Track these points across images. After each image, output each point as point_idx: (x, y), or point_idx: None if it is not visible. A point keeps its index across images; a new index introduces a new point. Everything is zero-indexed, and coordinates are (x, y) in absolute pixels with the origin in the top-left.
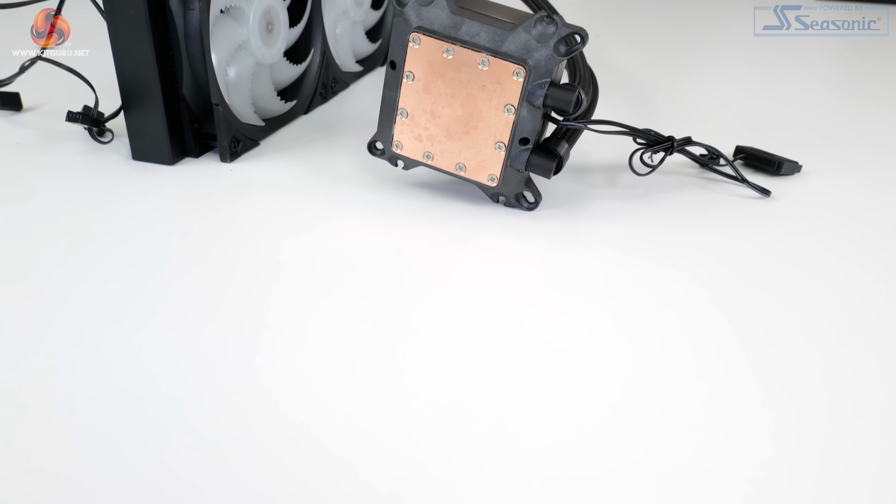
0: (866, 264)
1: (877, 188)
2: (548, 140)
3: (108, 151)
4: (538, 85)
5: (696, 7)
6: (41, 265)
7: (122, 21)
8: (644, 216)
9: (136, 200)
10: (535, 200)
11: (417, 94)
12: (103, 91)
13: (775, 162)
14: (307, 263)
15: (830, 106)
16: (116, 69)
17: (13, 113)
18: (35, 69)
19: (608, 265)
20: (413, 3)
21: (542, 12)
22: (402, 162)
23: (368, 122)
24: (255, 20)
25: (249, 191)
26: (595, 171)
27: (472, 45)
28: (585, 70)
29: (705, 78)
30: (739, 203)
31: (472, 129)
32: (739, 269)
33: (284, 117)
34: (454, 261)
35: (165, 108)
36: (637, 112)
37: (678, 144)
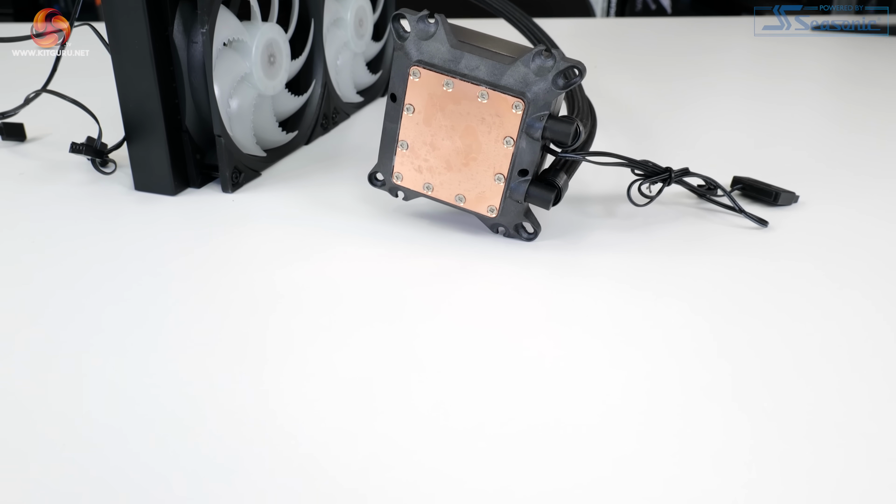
0: (863, 294)
1: (874, 217)
2: (546, 171)
3: (111, 182)
4: (537, 117)
5: (693, 37)
6: (42, 293)
7: (127, 54)
8: (642, 246)
9: (137, 230)
10: (534, 231)
11: (418, 126)
12: (106, 121)
13: (772, 192)
14: (308, 293)
15: (828, 134)
16: (120, 101)
17: (17, 143)
18: (39, 100)
19: (607, 295)
20: (413, 38)
21: (541, 46)
22: (403, 193)
23: (369, 153)
24: (257, 53)
25: (251, 221)
26: (594, 201)
27: (472, 78)
28: (584, 101)
29: (703, 107)
30: (737, 233)
31: (471, 160)
32: (737, 300)
33: (286, 148)
34: (454, 290)
35: (168, 140)
36: (635, 142)
37: (676, 175)
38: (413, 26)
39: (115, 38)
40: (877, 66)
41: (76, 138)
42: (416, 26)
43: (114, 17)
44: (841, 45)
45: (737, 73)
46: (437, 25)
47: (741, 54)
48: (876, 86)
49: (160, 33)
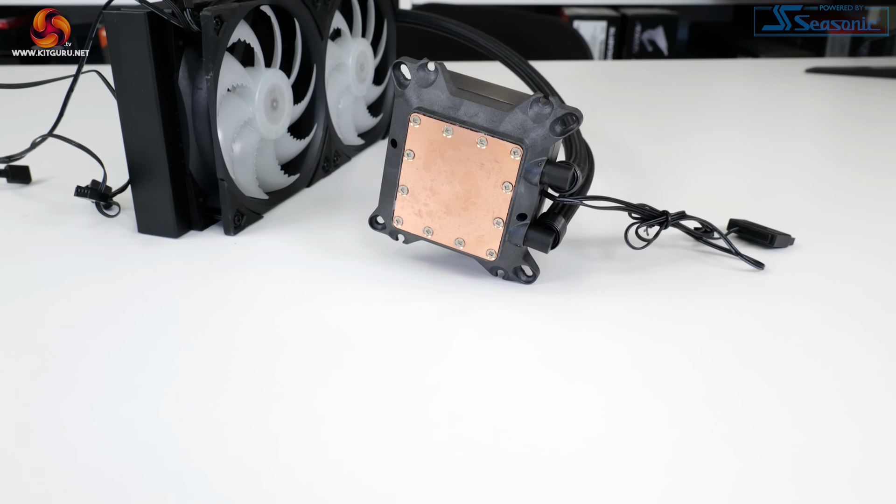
0: (858, 340)
1: (869, 259)
2: (545, 215)
3: (115, 224)
4: (535, 163)
5: (690, 79)
6: (45, 336)
7: (132, 100)
8: (640, 289)
9: (140, 273)
10: (533, 274)
11: (418, 171)
12: (111, 164)
13: (768, 235)
14: (310, 337)
15: (823, 175)
16: (125, 145)
17: (22, 186)
18: (45, 142)
19: (605, 339)
20: (414, 85)
21: (538, 94)
22: (403, 236)
23: (370, 195)
24: (260, 98)
25: (253, 264)
26: (592, 244)
27: (471, 125)
28: (581, 145)
29: (699, 149)
30: (734, 276)
31: (471, 205)
32: (733, 345)
33: (287, 190)
34: (455, 334)
35: (172, 183)
36: (633, 184)
37: (672, 219)
38: (413, 74)
39: (122, 84)
40: (871, 106)
41: (81, 181)
42: (416, 74)
43: (120, 65)
44: (835, 86)
45: (733, 114)
46: (436, 73)
47: (737, 96)
48: (870, 126)
49: (165, 79)
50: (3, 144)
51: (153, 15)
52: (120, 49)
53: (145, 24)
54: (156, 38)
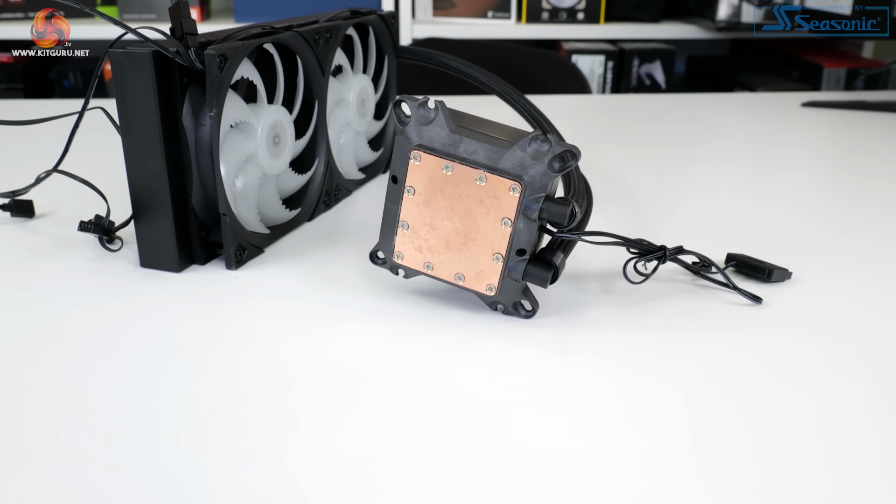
0: (857, 373)
1: (865, 293)
2: (544, 250)
3: (117, 259)
4: (534, 199)
5: (687, 113)
6: (47, 372)
7: (137, 136)
8: (639, 323)
9: (142, 306)
10: (532, 309)
11: (418, 207)
12: (114, 197)
13: (765, 269)
14: (311, 372)
15: (820, 209)
16: (129, 181)
17: (26, 219)
18: (49, 177)
19: (604, 374)
20: (414, 123)
21: (537, 131)
22: (403, 271)
23: (370, 229)
24: (262, 134)
25: (254, 298)
26: (590, 278)
27: (471, 162)
28: (580, 180)
29: (697, 183)
30: (731, 310)
31: (470, 240)
32: (732, 380)
33: (289, 225)
34: (455, 369)
35: (174, 218)
36: (631, 218)
37: (670, 253)
38: (414, 112)
39: (126, 121)
40: (867, 139)
41: (84, 215)
42: (416, 112)
43: (125, 102)
44: (831, 119)
45: (730, 147)
46: (436, 111)
47: (734, 129)
48: (866, 160)
49: (169, 116)
50: (9, 179)
51: (158, 54)
52: (125, 87)
53: (150, 63)
54: (160, 76)
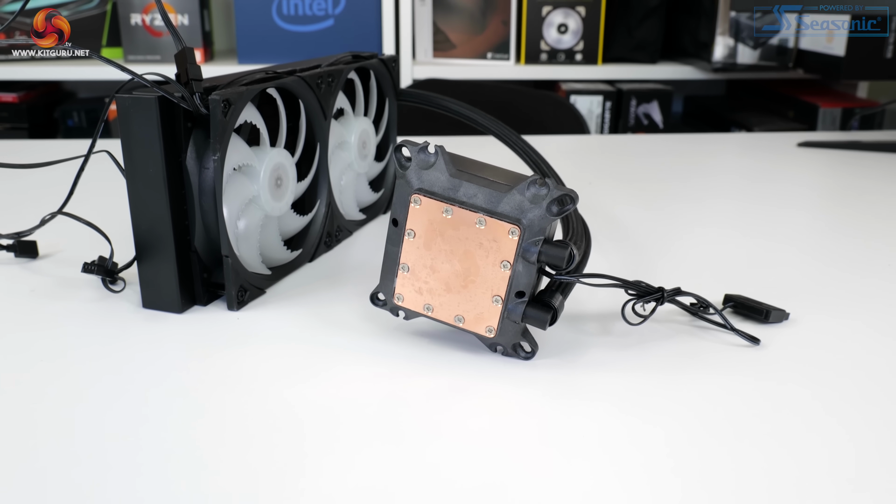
0: (854, 416)
1: (863, 334)
2: (543, 292)
3: (120, 300)
4: (532, 242)
5: (684, 153)
6: (48, 415)
7: (141, 179)
8: (638, 365)
9: (146, 349)
10: (531, 350)
11: (418, 250)
12: (117, 237)
13: (763, 310)
14: (311, 415)
15: (817, 249)
16: (133, 223)
17: (29, 260)
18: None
19: (603, 417)
20: (414, 167)
21: (535, 175)
22: (404, 312)
23: (371, 270)
24: (265, 177)
25: (256, 339)
26: (589, 319)
27: (470, 205)
28: (578, 222)
29: (695, 223)
30: (730, 351)
31: (470, 283)
32: (730, 423)
33: (290, 265)
34: (454, 411)
35: (177, 260)
36: (629, 259)
37: (668, 295)
38: (414, 156)
39: (131, 163)
40: (863, 179)
41: (87, 255)
42: (416, 156)
43: (130, 145)
44: (827, 159)
45: (727, 187)
46: (436, 156)
47: (731, 169)
48: (862, 199)
49: (174, 159)
50: (13, 220)
51: (164, 98)
52: (131, 131)
53: (156, 108)
54: (165, 120)
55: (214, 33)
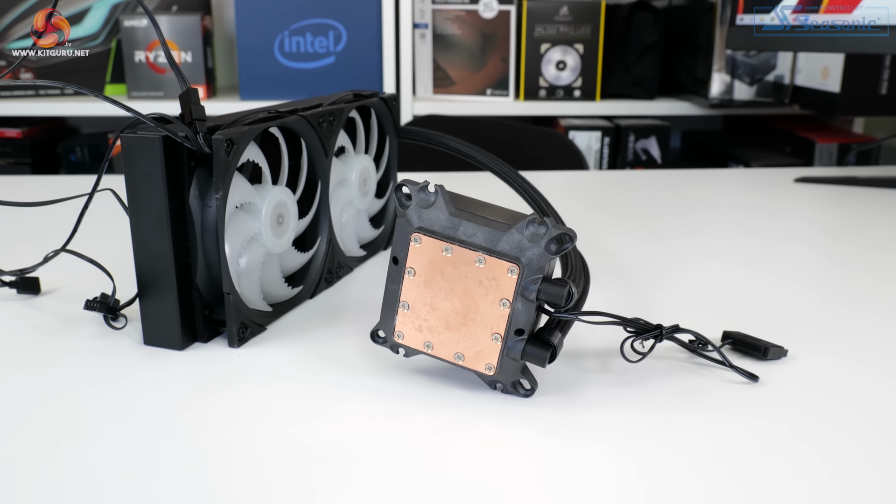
0: (852, 455)
1: (861, 371)
2: (542, 330)
3: (121, 336)
4: (531, 280)
5: (683, 189)
6: (49, 452)
7: (145, 217)
8: (637, 403)
9: (147, 387)
10: (531, 388)
11: (418, 288)
12: (119, 273)
13: (761, 347)
14: (312, 452)
15: (816, 283)
16: (135, 260)
17: (32, 296)
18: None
19: (603, 456)
20: (415, 206)
21: (534, 214)
22: (404, 350)
23: (371, 306)
24: (267, 214)
25: (257, 377)
26: (588, 356)
27: (470, 244)
28: (577, 259)
29: (693, 259)
30: (728, 388)
31: (469, 321)
32: (730, 463)
33: (291, 302)
34: (454, 449)
35: (179, 297)
36: (628, 296)
37: (667, 332)
38: (414, 195)
39: (135, 202)
40: (860, 214)
41: (89, 292)
42: (417, 196)
43: (134, 184)
44: (824, 195)
45: (726, 223)
46: (436, 195)
47: (729, 205)
48: (859, 235)
49: (177, 198)
50: (17, 256)
51: (167, 138)
52: (135, 169)
53: (160, 147)
54: (169, 160)
55: (217, 70)
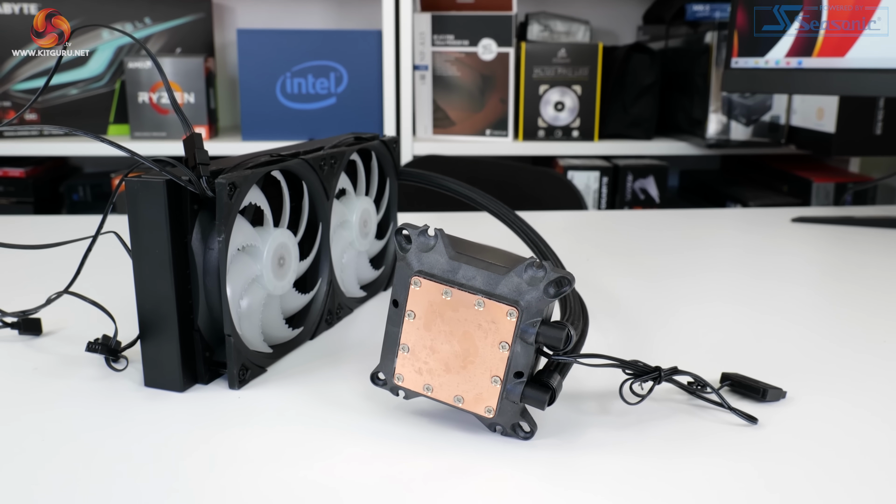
0: (851, 498)
1: (859, 414)
2: (541, 372)
3: (122, 378)
4: (530, 323)
5: (681, 229)
6: (48, 496)
7: (147, 259)
8: (636, 446)
9: (148, 431)
10: (530, 430)
11: (418, 330)
12: (120, 314)
13: (760, 389)
14: (314, 498)
15: (814, 324)
16: (137, 302)
17: (33, 337)
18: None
19: (602, 499)
20: (415, 250)
21: (532, 258)
22: (404, 392)
23: (371, 347)
24: (268, 256)
25: (257, 420)
26: (588, 398)
27: (469, 287)
28: (576, 301)
29: (692, 298)
30: (728, 431)
31: (469, 363)
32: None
33: (291, 343)
34: (454, 492)
35: (180, 339)
36: (627, 337)
37: (665, 374)
38: (414, 239)
39: (138, 244)
40: (857, 254)
41: (90, 333)
42: (417, 239)
43: (138, 227)
44: (821, 234)
45: (724, 263)
46: (436, 239)
47: (727, 245)
48: (857, 275)
49: (180, 241)
50: (18, 297)
51: (171, 182)
52: (138, 213)
53: (164, 191)
54: (173, 203)
55: (219, 110)
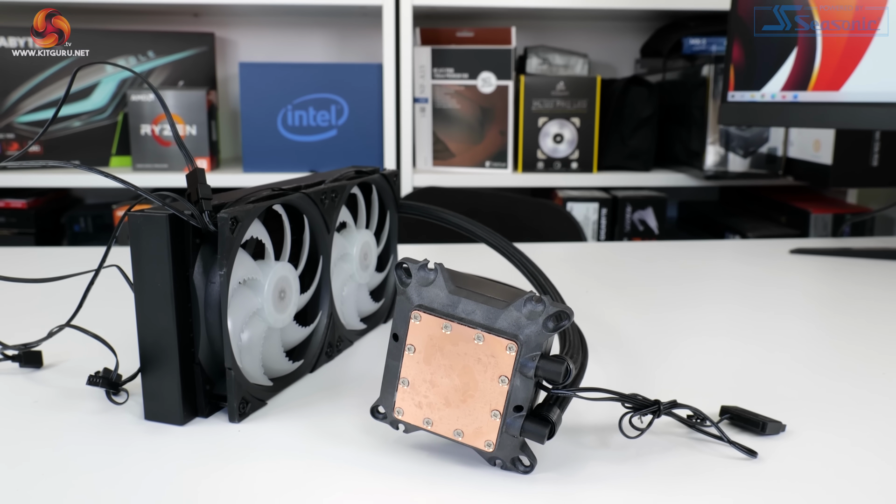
0: None
1: (858, 448)
2: (541, 406)
3: (122, 411)
4: (529, 357)
5: (680, 260)
6: None
7: (149, 293)
8: (636, 480)
9: (147, 466)
10: (530, 464)
11: (418, 364)
12: (121, 346)
13: (759, 423)
14: None
15: (813, 356)
16: (139, 336)
17: (34, 370)
18: None
19: None
20: (415, 284)
21: (531, 292)
22: (403, 426)
23: (371, 380)
24: (269, 290)
25: (257, 454)
26: (587, 431)
27: (469, 322)
28: (575, 335)
29: (692, 331)
30: (727, 464)
31: (469, 397)
32: None
33: (291, 376)
34: None
35: (181, 372)
36: (626, 370)
37: (664, 408)
38: (414, 274)
39: (140, 278)
40: (855, 286)
41: (91, 366)
42: (417, 274)
43: (140, 261)
44: (819, 266)
45: (722, 295)
46: (436, 273)
47: (726, 276)
48: (855, 307)
49: (181, 274)
50: (19, 329)
51: (174, 216)
52: (141, 247)
53: (166, 226)
54: (175, 237)
55: (221, 142)
